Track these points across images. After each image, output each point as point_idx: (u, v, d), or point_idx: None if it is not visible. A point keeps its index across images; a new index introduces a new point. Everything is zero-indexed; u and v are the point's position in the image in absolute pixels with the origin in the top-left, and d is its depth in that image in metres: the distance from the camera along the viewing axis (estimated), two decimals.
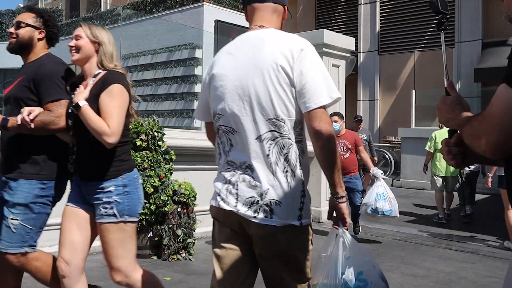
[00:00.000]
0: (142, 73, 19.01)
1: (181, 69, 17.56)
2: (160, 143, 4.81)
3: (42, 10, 2.80)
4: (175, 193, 4.69)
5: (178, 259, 4.63)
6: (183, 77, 17.55)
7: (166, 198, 4.59)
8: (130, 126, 4.73)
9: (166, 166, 4.76)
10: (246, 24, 2.01)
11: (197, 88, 17.11)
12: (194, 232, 4.84)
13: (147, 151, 4.69)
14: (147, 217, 4.54)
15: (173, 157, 4.91)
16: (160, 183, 4.63)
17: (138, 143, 4.67)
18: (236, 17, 17.23)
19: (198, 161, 5.58)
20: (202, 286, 3.87)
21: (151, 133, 4.73)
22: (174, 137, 5.27)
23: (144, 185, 4.51)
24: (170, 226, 4.62)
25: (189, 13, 17.56)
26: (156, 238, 4.60)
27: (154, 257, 4.66)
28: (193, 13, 17.41)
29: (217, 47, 17.14)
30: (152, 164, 4.64)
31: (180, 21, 17.42)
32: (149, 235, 4.57)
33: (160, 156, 4.75)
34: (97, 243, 4.75)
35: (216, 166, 2.00)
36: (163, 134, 4.90)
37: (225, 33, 16.73)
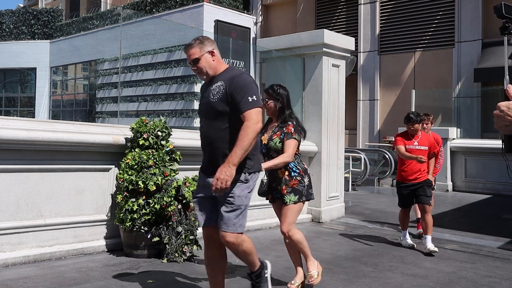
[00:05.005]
0: (142, 73, 19.01)
1: (181, 69, 17.57)
2: (163, 142, 4.84)
3: None
4: (178, 191, 4.69)
5: (182, 257, 4.55)
6: (183, 77, 17.55)
7: (170, 200, 4.59)
8: (134, 126, 4.79)
9: (171, 166, 4.77)
10: (246, 24, 2.01)
11: (197, 88, 17.12)
12: (196, 230, 4.76)
13: (152, 149, 4.74)
14: (147, 217, 4.54)
15: (178, 158, 4.93)
16: (163, 181, 4.63)
17: (141, 142, 4.74)
18: (236, 17, 17.14)
19: (198, 161, 5.54)
20: (202, 286, 3.87)
21: (154, 133, 4.79)
22: (174, 137, 5.27)
23: (147, 182, 4.52)
24: (170, 223, 4.61)
25: (189, 13, 17.57)
26: (156, 238, 4.59)
27: (154, 257, 4.66)
28: (193, 13, 17.42)
29: (217, 47, 17.12)
30: (157, 162, 4.66)
31: (180, 21, 17.42)
32: (148, 235, 4.55)
33: (165, 155, 4.78)
34: (96, 243, 4.70)
35: None
36: (167, 134, 4.94)
37: (225, 33, 16.72)
